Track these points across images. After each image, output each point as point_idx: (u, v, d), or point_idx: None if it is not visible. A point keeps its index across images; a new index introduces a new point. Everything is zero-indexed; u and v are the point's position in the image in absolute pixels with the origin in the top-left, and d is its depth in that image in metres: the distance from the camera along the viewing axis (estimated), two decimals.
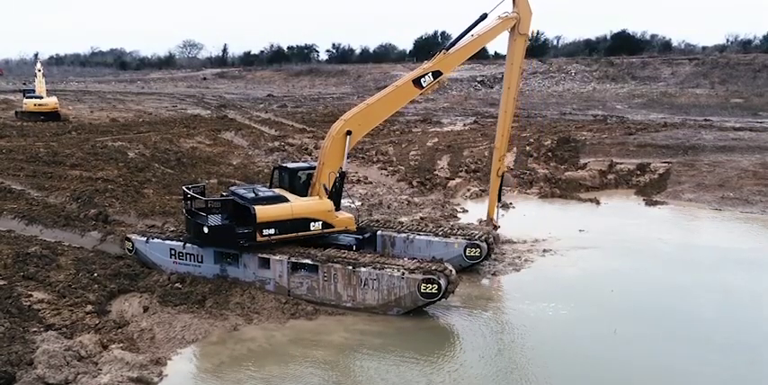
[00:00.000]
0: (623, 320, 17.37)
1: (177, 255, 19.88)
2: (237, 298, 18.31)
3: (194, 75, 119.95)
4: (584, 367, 15.11)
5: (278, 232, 18.74)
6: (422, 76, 20.64)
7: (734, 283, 19.98)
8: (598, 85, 77.33)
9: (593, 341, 16.38)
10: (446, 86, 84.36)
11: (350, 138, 19.77)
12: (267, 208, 18.64)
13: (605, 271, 21.28)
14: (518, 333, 17.16)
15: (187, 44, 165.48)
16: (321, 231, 19.34)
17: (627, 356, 15.47)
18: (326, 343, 16.48)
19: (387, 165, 38.07)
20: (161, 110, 66.45)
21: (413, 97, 21.66)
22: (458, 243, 20.42)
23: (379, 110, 20.70)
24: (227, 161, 38.94)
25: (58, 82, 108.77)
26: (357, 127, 20.09)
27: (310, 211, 19.22)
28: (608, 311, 18.07)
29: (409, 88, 20.76)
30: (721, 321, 17.34)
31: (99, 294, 17.98)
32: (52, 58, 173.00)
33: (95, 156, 36.15)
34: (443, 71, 20.95)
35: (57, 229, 23.62)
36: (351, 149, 20.36)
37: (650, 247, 23.36)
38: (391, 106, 21.18)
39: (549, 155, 38.31)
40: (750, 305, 18.43)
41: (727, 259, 22.18)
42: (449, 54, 20.96)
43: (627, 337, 16.38)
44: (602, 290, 19.59)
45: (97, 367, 14.18)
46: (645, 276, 20.67)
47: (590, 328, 17.06)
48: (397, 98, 21.00)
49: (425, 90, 20.98)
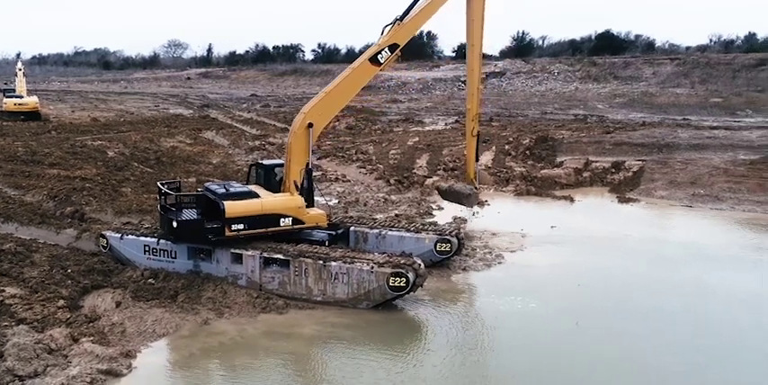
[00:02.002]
0: (586, 313, 17.77)
1: (151, 251, 20.07)
2: (210, 293, 18.53)
3: (178, 74, 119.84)
4: (545, 357, 15.45)
5: (247, 227, 18.95)
6: (378, 53, 20.17)
7: (696, 278, 20.41)
8: (580, 85, 78.08)
9: (555, 333, 16.73)
10: (430, 86, 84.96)
11: (312, 130, 19.65)
12: (236, 203, 18.87)
13: (573, 266, 21.66)
14: (485, 325, 17.52)
15: (172, 44, 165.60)
16: (291, 227, 19.53)
17: (586, 348, 15.85)
18: (297, 335, 16.74)
19: (366, 163, 38.38)
20: (143, 109, 66.50)
21: (372, 76, 21.02)
22: (428, 238, 20.74)
23: (338, 96, 20.32)
24: (206, 160, 39.11)
25: (41, 82, 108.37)
26: (318, 117, 19.87)
27: (280, 207, 19.44)
28: (573, 305, 18.45)
29: (367, 68, 20.34)
30: (679, 315, 17.73)
31: (72, 290, 18.14)
32: (35, 57, 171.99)
33: (74, 155, 36.21)
34: (400, 43, 20.41)
35: (32, 227, 23.75)
36: (316, 145, 20.51)
37: (619, 243, 23.81)
38: (351, 90, 20.66)
39: (526, 153, 38.78)
40: (709, 299, 18.88)
41: (692, 254, 22.65)
42: (404, 24, 20.39)
43: (588, 330, 16.78)
44: (569, 284, 19.97)
45: (67, 360, 14.35)
46: (611, 271, 21.11)
47: (554, 321, 17.43)
48: (355, 80, 20.51)
49: (384, 65, 20.52)
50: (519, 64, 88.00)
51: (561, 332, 16.73)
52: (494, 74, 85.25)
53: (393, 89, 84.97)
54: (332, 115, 20.55)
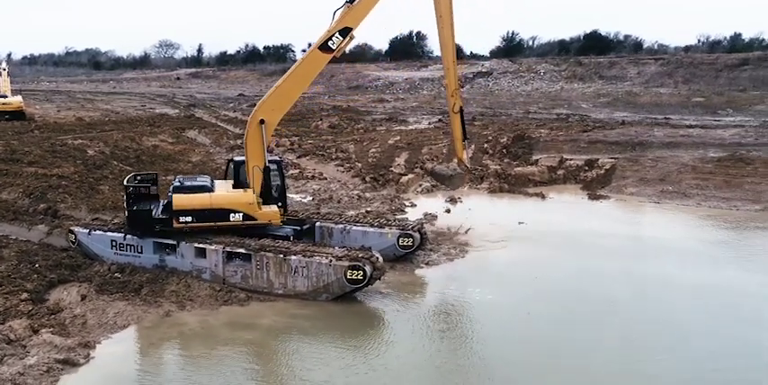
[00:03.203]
0: (539, 303, 18.35)
1: (118, 246, 20.43)
2: (173, 286, 18.89)
3: (168, 74, 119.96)
4: (495, 344, 16.03)
5: (195, 220, 19.46)
6: (329, 39, 19.24)
7: (649, 270, 20.97)
8: (566, 85, 78.63)
9: (507, 321, 17.31)
10: (417, 86, 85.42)
11: (264, 126, 19.70)
12: (184, 196, 19.45)
13: (533, 260, 22.14)
14: (443, 316, 18.04)
15: (163, 44, 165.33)
16: (242, 223, 19.80)
17: (535, 334, 16.43)
18: (256, 326, 17.13)
19: (345, 162, 38.74)
20: (129, 109, 66.68)
21: (324, 65, 19.89)
22: (391, 233, 21.17)
23: (289, 89, 19.91)
24: (186, 158, 39.44)
25: (30, 82, 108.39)
26: (270, 113, 19.78)
27: (230, 203, 19.78)
28: (528, 295, 19.00)
29: (318, 56, 19.49)
30: (623, 303, 18.42)
31: (37, 283, 18.49)
32: (26, 57, 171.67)
33: (54, 153, 36.48)
34: (352, 26, 19.31)
35: (5, 224, 24.04)
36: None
37: (581, 238, 24.28)
38: (302, 81, 20.09)
39: (503, 152, 39.21)
40: (661, 291, 19.40)
41: (651, 248, 23.17)
42: (354, 6, 19.24)
43: (538, 318, 17.39)
44: (527, 277, 20.49)
45: (25, 350, 14.71)
46: (568, 264, 21.61)
47: (508, 310, 17.98)
48: (306, 71, 19.86)
49: (337, 52, 19.40)
50: (506, 64, 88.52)
51: (513, 320, 17.33)
52: (480, 74, 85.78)
53: (380, 89, 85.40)
54: (284, 109, 20.18)
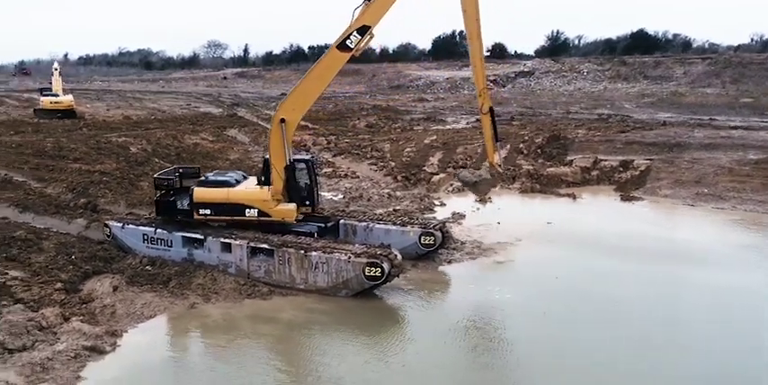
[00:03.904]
0: (558, 303, 18.40)
1: (149, 239, 21.25)
2: (200, 279, 19.54)
3: (215, 74, 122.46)
4: (513, 343, 16.25)
5: (213, 213, 20.48)
6: (347, 37, 19.14)
7: (678, 273, 20.71)
8: (609, 85, 77.42)
9: (526, 320, 17.43)
10: (458, 86, 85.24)
11: (285, 125, 20.03)
12: (204, 190, 20.47)
13: (558, 260, 22.08)
14: (462, 313, 18.17)
15: (211, 44, 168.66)
16: (257, 219, 20.46)
17: (552, 334, 16.45)
18: (278, 320, 17.67)
19: (378, 161, 39.14)
20: (175, 108, 68.39)
21: (343, 64, 19.78)
22: (413, 231, 21.43)
23: (309, 88, 20.09)
24: (225, 156, 40.39)
25: (83, 81, 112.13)
26: (291, 112, 20.09)
27: (245, 198, 20.48)
28: (548, 295, 19.05)
29: (336, 55, 19.50)
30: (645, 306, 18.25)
31: (72, 274, 19.39)
32: (81, 58, 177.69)
33: (98, 150, 37.89)
34: (370, 24, 19.10)
35: (47, 217, 25.20)
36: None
37: (608, 239, 24.03)
38: (321, 81, 20.05)
39: (538, 152, 39.00)
40: (684, 293, 19.25)
41: (681, 251, 22.73)
42: (371, 3, 19.02)
43: (556, 318, 17.39)
44: (550, 276, 20.46)
45: (56, 336, 15.53)
46: (593, 265, 21.48)
47: (527, 310, 18.08)
48: (324, 70, 19.87)
49: (355, 51, 19.29)
50: (548, 63, 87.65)
51: (531, 320, 17.40)
52: (522, 73, 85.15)
53: (421, 88, 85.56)
54: (304, 109, 20.40)
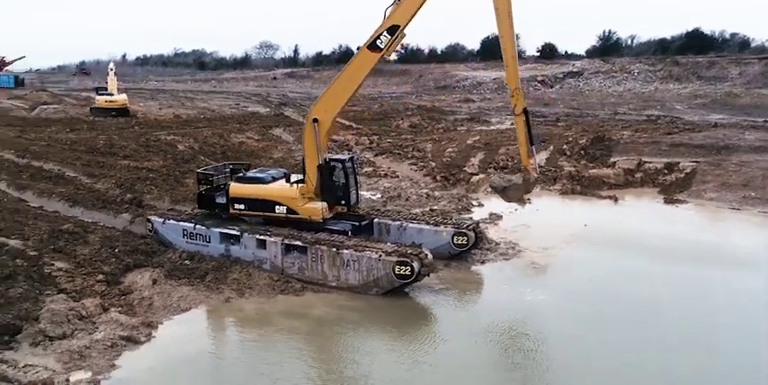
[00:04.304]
0: (590, 305, 18.33)
1: (189, 235, 21.88)
2: (236, 274, 20.02)
3: (265, 74, 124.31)
4: (544, 344, 16.14)
5: (247, 208, 21.38)
6: (377, 38, 19.19)
7: (715, 277, 20.25)
8: (661, 85, 75.59)
9: (557, 322, 17.36)
10: (505, 86, 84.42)
11: (317, 125, 20.33)
12: (240, 185, 21.38)
13: (593, 262, 21.83)
14: (493, 314, 18.15)
15: (263, 45, 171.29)
16: (285, 216, 21.03)
17: (582, 336, 16.40)
18: (308, 315, 18.00)
19: (419, 161, 39.23)
20: (224, 107, 69.82)
21: (374, 64, 19.78)
22: (446, 231, 21.46)
23: (340, 89, 20.38)
24: (268, 155, 41.12)
25: (139, 81, 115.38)
26: (323, 113, 20.41)
27: (275, 195, 21.13)
28: (580, 297, 18.98)
29: (366, 56, 19.63)
30: (686, 314, 17.83)
31: (114, 267, 20.13)
32: (138, 58, 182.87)
33: (147, 148, 39.10)
34: (399, 23, 19.13)
35: (95, 211, 26.23)
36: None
37: (648, 242, 23.56)
38: (353, 81, 20.15)
39: (581, 153, 38.44)
40: (718, 297, 18.84)
41: (721, 254, 22.22)
42: (401, 3, 19.06)
43: (587, 320, 17.31)
44: (583, 278, 20.25)
45: (94, 326, 16.20)
46: (628, 267, 21.14)
47: (558, 311, 18.01)
48: (356, 71, 19.99)
49: (386, 51, 19.30)
50: (597, 64, 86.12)
51: (562, 321, 17.32)
52: (571, 74, 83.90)
53: (468, 89, 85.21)
54: (337, 109, 20.61)
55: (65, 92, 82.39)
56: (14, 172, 32.45)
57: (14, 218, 24.31)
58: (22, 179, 31.00)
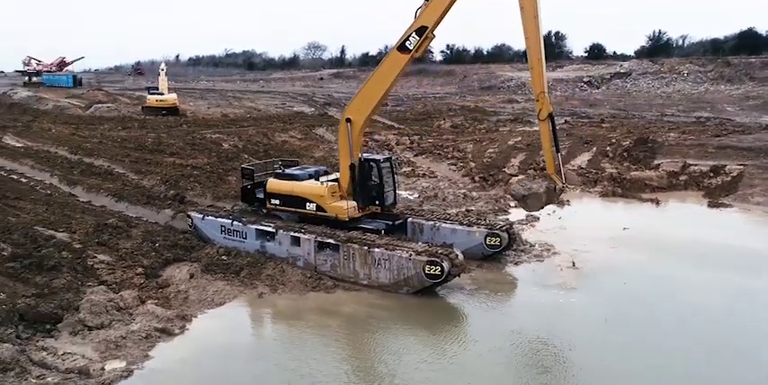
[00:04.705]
0: (622, 309, 18.01)
1: (226, 231, 22.41)
2: (270, 270, 20.42)
3: (312, 75, 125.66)
4: (574, 347, 15.99)
5: (281, 204, 22.07)
6: (406, 39, 19.28)
7: (753, 284, 19.73)
8: (711, 87, 73.57)
9: (587, 325, 17.17)
10: (550, 87, 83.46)
11: (350, 125, 20.54)
12: (276, 181, 22.02)
13: (628, 265, 21.44)
14: (523, 315, 18.08)
15: (311, 46, 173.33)
16: (314, 213, 21.48)
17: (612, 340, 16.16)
18: (339, 313, 18.26)
19: (459, 161, 39.18)
20: (270, 107, 70.90)
21: (404, 65, 19.84)
22: (479, 232, 21.45)
23: (371, 90, 20.57)
24: (310, 154, 41.59)
25: (190, 81, 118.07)
26: (356, 112, 20.63)
27: (305, 193, 21.56)
28: (613, 301, 18.71)
29: (396, 57, 19.75)
30: (718, 320, 17.46)
31: (154, 260, 20.79)
32: (191, 59, 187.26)
33: (193, 146, 40.07)
34: (427, 24, 19.18)
35: (139, 206, 27.08)
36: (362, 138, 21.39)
37: (687, 247, 23.05)
38: (383, 83, 20.28)
39: (624, 155, 37.82)
40: (759, 309, 18.24)
41: (762, 263, 21.56)
42: (429, 3, 19.09)
43: (618, 324, 17.03)
44: (617, 282, 19.99)
45: (131, 317, 16.79)
46: (664, 272, 20.70)
47: (589, 314, 17.81)
48: (386, 72, 20.12)
49: (415, 52, 19.40)
50: (646, 64, 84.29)
51: (593, 325, 17.11)
52: (618, 74, 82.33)
53: (512, 89, 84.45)
54: (368, 110, 20.77)
55: (119, 91, 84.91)
56: (67, 168, 33.75)
57: (63, 211, 25.34)
58: (73, 175, 32.23)
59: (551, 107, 19.60)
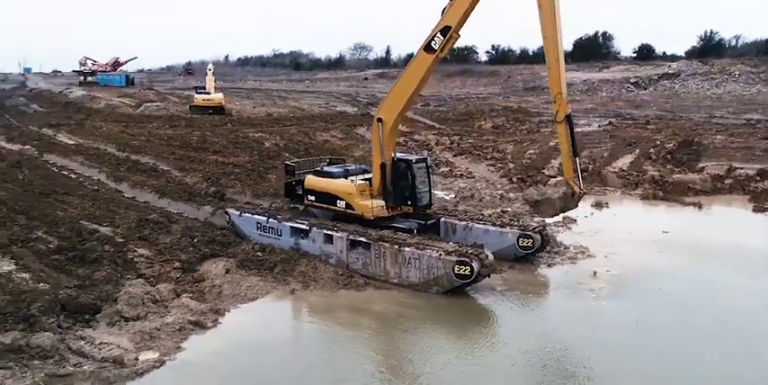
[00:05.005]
0: (655, 314, 17.62)
1: (262, 228, 22.88)
2: (302, 267, 20.75)
3: (357, 75, 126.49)
4: (604, 351, 15.76)
5: (316, 200, 22.48)
6: (431, 39, 19.33)
7: None
8: (764, 88, 71.30)
9: (614, 329, 16.87)
10: (595, 88, 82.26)
11: (381, 125, 20.65)
12: (313, 178, 22.48)
13: (664, 270, 20.98)
14: (553, 318, 17.98)
15: (357, 46, 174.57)
16: (343, 210, 21.77)
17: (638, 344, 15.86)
18: (369, 311, 18.41)
19: (498, 162, 39.00)
20: (314, 107, 71.78)
21: (429, 65, 19.85)
22: (511, 233, 21.36)
23: (401, 90, 20.65)
24: (350, 153, 41.91)
25: (238, 80, 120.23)
26: (386, 112, 20.78)
27: (337, 190, 21.86)
28: (646, 305, 18.30)
29: (422, 57, 19.83)
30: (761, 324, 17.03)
31: (191, 255, 21.36)
32: (240, 59, 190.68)
33: (235, 144, 40.94)
34: (451, 24, 19.09)
35: (181, 203, 27.85)
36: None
37: (728, 252, 22.38)
38: (411, 83, 20.32)
39: (667, 157, 37.07)
40: None
41: None
42: (453, 3, 19.01)
43: (648, 329, 16.70)
44: (652, 287, 19.61)
45: (166, 309, 17.28)
46: (701, 277, 20.25)
47: (618, 319, 17.48)
48: (414, 72, 20.22)
49: (440, 52, 19.40)
50: (695, 65, 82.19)
51: (620, 330, 16.80)
52: (666, 75, 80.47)
53: None
54: (398, 109, 20.74)
55: (169, 90, 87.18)
56: (114, 164, 34.91)
57: (108, 207, 26.24)
58: (120, 171, 33.32)
59: (569, 109, 19.02)
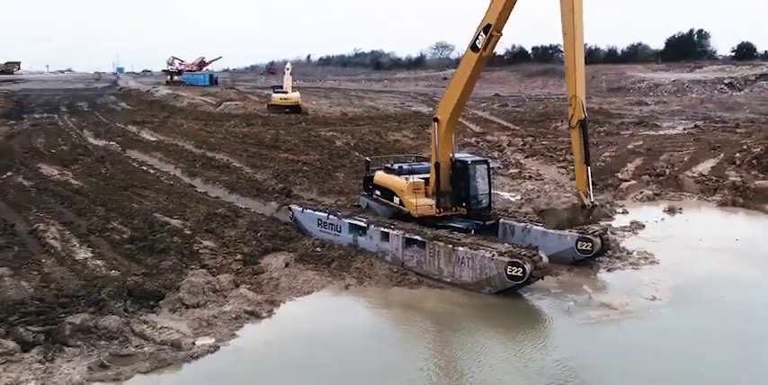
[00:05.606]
0: (716, 324, 16.90)
1: (322, 224, 23.42)
2: (358, 263, 21.09)
3: (436, 75, 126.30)
4: (657, 360, 15.29)
5: (381, 195, 23.16)
6: (476, 38, 19.29)
7: None
8: None
9: (669, 338, 16.27)
10: (685, 89, 78.95)
11: (437, 125, 20.90)
12: (381, 174, 23.27)
13: (732, 279, 20.07)
14: (608, 323, 17.42)
15: (439, 46, 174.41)
16: (397, 207, 22.11)
17: (691, 353, 15.42)
18: (420, 308, 18.53)
19: (570, 164, 38.12)
20: (389, 106, 72.40)
21: (475, 64, 19.74)
22: (570, 236, 20.94)
23: (453, 89, 20.81)
24: (419, 153, 42.00)
25: (318, 80, 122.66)
26: (442, 112, 21.11)
27: (393, 186, 22.34)
28: (707, 315, 17.60)
29: (469, 56, 19.95)
30: None
31: (254, 249, 22.13)
32: (321, 59, 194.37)
33: (307, 143, 41.95)
34: (491, 22, 18.93)
35: (248, 198, 28.86)
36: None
37: None
38: (461, 82, 20.41)
39: (752, 162, 35.27)
40: None
41: None
42: (492, 1, 18.93)
43: (703, 338, 16.13)
44: (716, 296, 18.84)
45: (225, 299, 18.01)
46: None
47: (674, 327, 16.88)
48: (463, 71, 20.37)
49: (484, 50, 19.34)
50: None
51: (675, 339, 16.21)
52: (764, 76, 76.15)
53: (643, 91, 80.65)
54: (450, 109, 20.86)
55: (250, 90, 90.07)
56: (190, 160, 36.52)
57: (181, 201, 27.54)
58: (195, 167, 34.83)
59: (583, 113, 17.61)
